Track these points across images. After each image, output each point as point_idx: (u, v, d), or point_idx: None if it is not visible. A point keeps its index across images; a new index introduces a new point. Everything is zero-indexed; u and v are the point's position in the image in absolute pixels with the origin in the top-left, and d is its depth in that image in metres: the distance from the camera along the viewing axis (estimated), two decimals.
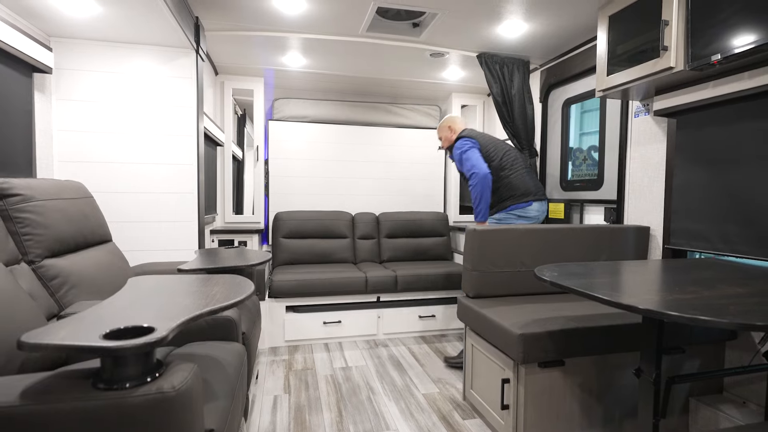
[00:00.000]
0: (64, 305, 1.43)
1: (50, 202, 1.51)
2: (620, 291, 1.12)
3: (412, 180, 3.67)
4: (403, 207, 3.65)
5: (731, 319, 0.85)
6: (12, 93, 1.73)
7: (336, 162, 3.52)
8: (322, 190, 3.50)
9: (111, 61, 2.10)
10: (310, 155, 3.47)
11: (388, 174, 3.62)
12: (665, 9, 1.68)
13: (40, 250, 1.43)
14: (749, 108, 1.66)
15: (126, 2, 1.68)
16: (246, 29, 2.36)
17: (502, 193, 2.40)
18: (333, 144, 3.51)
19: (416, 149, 3.67)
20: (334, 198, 3.52)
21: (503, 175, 2.39)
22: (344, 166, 3.53)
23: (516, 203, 2.37)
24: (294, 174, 3.44)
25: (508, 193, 2.38)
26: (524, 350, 1.47)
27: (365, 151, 3.57)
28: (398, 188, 3.65)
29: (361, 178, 3.57)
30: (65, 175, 2.05)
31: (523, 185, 2.38)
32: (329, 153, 3.50)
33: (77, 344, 0.71)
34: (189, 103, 2.21)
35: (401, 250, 3.40)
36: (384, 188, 3.62)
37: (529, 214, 2.38)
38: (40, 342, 0.72)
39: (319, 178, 3.49)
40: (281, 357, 2.61)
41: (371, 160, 3.59)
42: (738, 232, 1.68)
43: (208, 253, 1.94)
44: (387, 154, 3.61)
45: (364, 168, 3.57)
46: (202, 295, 1.05)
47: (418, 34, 2.44)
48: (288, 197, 3.43)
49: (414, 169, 3.67)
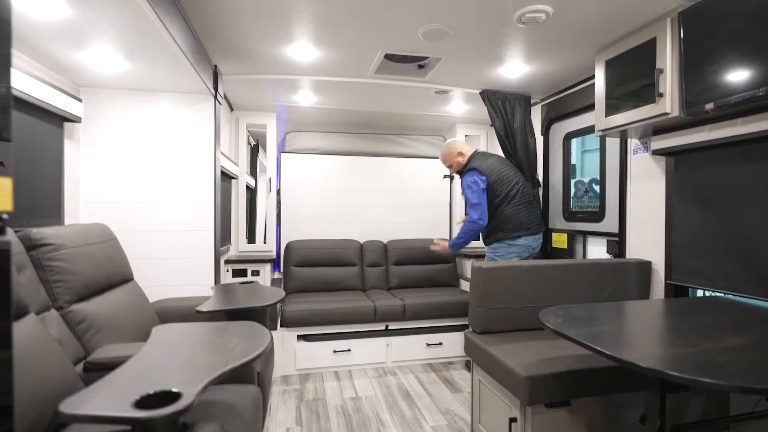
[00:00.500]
0: (90, 349, 1.51)
1: (78, 248, 1.61)
2: (623, 342, 1.17)
3: (418, 208, 3.76)
4: (410, 234, 3.73)
5: (730, 381, 0.90)
6: (45, 144, 1.85)
7: (345, 192, 3.62)
8: (332, 219, 3.60)
9: (134, 107, 2.24)
10: (320, 185, 3.58)
11: (394, 202, 3.71)
12: (659, 57, 1.76)
13: (69, 296, 1.52)
14: (744, 151, 1.71)
15: (152, 59, 1.81)
16: (260, 73, 2.50)
17: (497, 224, 2.56)
18: (342, 174, 3.62)
19: (422, 178, 3.76)
20: (343, 226, 3.61)
21: (502, 209, 2.55)
22: (353, 196, 3.64)
23: (506, 237, 2.54)
24: (304, 204, 3.55)
25: (501, 226, 2.55)
26: (531, 392, 1.51)
27: (373, 180, 3.67)
28: (405, 216, 3.73)
29: (369, 207, 3.66)
30: (90, 216, 2.16)
31: (515, 220, 2.53)
32: (338, 183, 3.61)
33: (111, 415, 0.79)
34: (207, 146, 2.33)
35: (408, 277, 3.46)
36: (391, 216, 3.71)
37: (518, 243, 2.54)
38: (76, 413, 0.79)
39: (329, 207, 3.59)
40: (293, 386, 2.66)
41: (378, 189, 3.68)
42: (737, 271, 1.72)
43: (224, 291, 2.02)
44: (394, 183, 3.71)
45: (371, 197, 3.67)
46: (222, 349, 1.13)
47: (424, 74, 2.55)
48: (299, 226, 3.53)
49: (420, 197, 3.76)
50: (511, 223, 2.52)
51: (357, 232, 3.62)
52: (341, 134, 3.68)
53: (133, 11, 1.37)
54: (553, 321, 1.34)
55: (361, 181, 3.65)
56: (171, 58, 1.80)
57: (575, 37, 1.99)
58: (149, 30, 1.51)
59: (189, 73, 1.96)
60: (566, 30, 1.92)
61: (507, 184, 2.56)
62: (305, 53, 2.20)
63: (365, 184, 3.66)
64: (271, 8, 1.73)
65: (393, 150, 3.75)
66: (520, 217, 2.53)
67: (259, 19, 1.82)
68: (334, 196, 3.60)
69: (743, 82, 1.45)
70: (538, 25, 1.87)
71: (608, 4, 1.68)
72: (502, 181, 2.56)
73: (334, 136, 3.66)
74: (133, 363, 1.04)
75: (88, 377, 1.37)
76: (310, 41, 2.06)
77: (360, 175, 3.65)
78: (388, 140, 3.76)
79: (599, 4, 1.69)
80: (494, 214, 2.55)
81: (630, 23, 1.84)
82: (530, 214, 2.57)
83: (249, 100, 3.01)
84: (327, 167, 3.60)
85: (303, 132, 3.62)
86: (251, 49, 2.15)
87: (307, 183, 3.56)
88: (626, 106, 1.93)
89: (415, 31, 1.94)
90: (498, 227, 2.55)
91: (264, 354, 1.32)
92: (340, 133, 3.68)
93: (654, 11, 1.74)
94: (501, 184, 2.55)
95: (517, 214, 2.53)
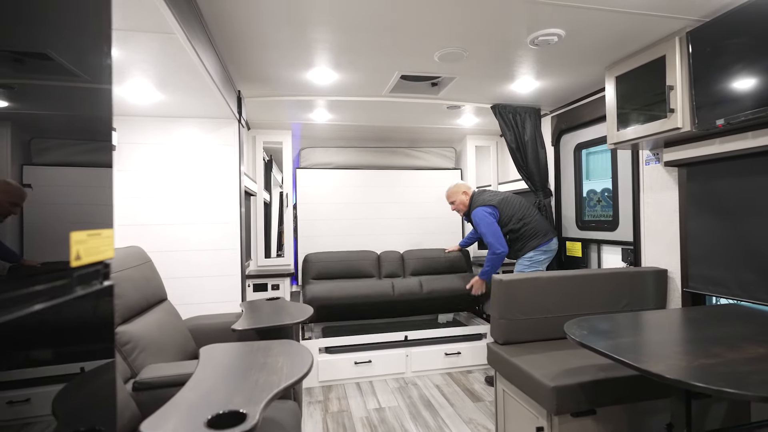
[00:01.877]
0: (136, 368, 1.58)
1: (122, 273, 1.69)
2: (648, 353, 1.23)
3: (432, 219, 3.83)
4: (425, 244, 3.79)
5: (755, 392, 0.96)
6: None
7: (359, 204, 3.71)
8: (348, 232, 3.67)
9: (164, 133, 2.34)
10: (336, 199, 3.67)
11: (409, 213, 3.79)
12: (669, 74, 1.83)
13: (116, 319, 1.60)
14: (756, 163, 1.77)
15: (185, 89, 1.91)
16: (280, 95, 2.59)
17: (528, 238, 2.74)
18: (356, 188, 3.71)
19: (434, 189, 3.83)
20: (359, 238, 3.68)
21: (524, 224, 2.74)
22: (367, 208, 3.72)
23: (541, 242, 2.73)
24: (321, 217, 3.63)
25: (534, 235, 2.74)
26: (558, 402, 1.56)
27: (387, 193, 3.76)
28: (419, 226, 3.80)
29: (383, 218, 3.74)
30: (124, 238, 2.25)
31: (542, 227, 2.78)
32: (353, 196, 3.70)
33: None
34: (232, 167, 2.43)
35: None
36: (406, 227, 3.78)
37: (551, 247, 2.77)
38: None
39: (345, 221, 3.67)
40: (317, 398, 2.72)
41: (393, 201, 3.77)
42: (755, 280, 1.76)
43: (253, 308, 2.10)
44: (407, 195, 3.79)
45: (386, 209, 3.75)
46: (271, 368, 1.20)
47: (437, 92, 2.64)
48: (315, 239, 3.61)
49: (433, 208, 3.83)
50: (542, 230, 2.74)
51: (373, 243, 3.70)
52: (354, 149, 3.77)
53: (174, 48, 1.46)
54: (579, 333, 1.40)
55: (375, 193, 3.74)
56: (201, 86, 1.89)
57: (585, 55, 2.07)
58: (185, 64, 1.61)
59: (217, 99, 2.06)
60: (577, 49, 1.99)
61: (516, 210, 2.78)
62: (324, 77, 2.29)
63: (379, 197, 3.74)
64: (294, 38, 1.82)
65: (405, 162, 3.84)
66: (543, 224, 2.78)
67: (281, 47, 1.91)
68: (349, 209, 3.68)
69: (753, 99, 1.52)
70: (550, 46, 1.95)
71: (618, 25, 1.76)
72: (512, 207, 2.79)
73: (347, 150, 3.75)
74: (194, 384, 1.11)
75: (138, 396, 1.45)
76: (329, 66, 2.15)
77: (374, 188, 3.74)
78: (401, 153, 3.85)
79: (609, 26, 1.77)
80: (521, 231, 2.74)
81: (639, 42, 1.92)
82: (543, 220, 2.83)
83: (266, 119, 3.12)
84: (342, 181, 3.69)
85: (317, 148, 3.71)
86: (272, 74, 2.24)
87: (323, 197, 3.65)
88: (637, 120, 2.00)
89: (431, 54, 2.03)
90: (531, 237, 2.73)
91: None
92: (354, 148, 3.77)
93: (662, 31, 1.81)
94: (510, 210, 2.78)
95: (541, 222, 2.78)
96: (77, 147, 0.67)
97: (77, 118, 0.65)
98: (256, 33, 1.75)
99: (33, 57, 0.54)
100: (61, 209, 0.61)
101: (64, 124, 0.65)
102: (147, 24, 1.23)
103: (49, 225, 0.58)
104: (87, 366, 0.64)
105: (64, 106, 0.63)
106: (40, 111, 0.59)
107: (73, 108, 0.64)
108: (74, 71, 0.60)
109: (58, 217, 0.61)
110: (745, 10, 1.54)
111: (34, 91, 0.56)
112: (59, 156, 0.64)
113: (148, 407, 1.42)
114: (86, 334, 0.65)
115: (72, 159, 0.65)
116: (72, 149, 0.66)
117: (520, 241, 2.75)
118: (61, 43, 0.58)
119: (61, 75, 0.58)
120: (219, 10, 1.55)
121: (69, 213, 0.63)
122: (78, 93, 0.62)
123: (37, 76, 0.55)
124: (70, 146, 0.66)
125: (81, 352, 0.63)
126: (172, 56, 1.52)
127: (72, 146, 0.66)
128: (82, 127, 0.66)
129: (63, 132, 0.65)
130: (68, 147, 0.65)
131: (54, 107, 0.61)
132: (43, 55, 0.55)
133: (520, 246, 2.77)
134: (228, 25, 1.68)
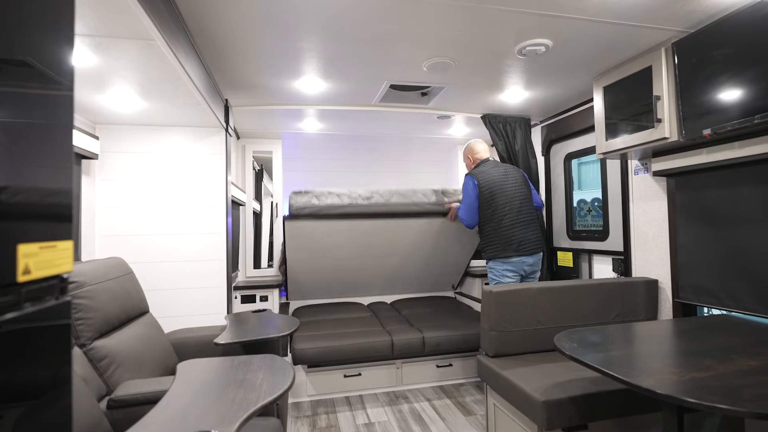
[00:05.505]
0: (112, 385, 1.52)
1: (100, 285, 1.64)
2: (638, 367, 1.20)
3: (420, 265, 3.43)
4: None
5: (749, 408, 0.93)
6: None
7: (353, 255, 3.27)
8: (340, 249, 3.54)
9: (148, 141, 2.30)
10: (328, 253, 3.14)
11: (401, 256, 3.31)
12: (656, 84, 1.84)
13: (91, 333, 1.54)
14: (743, 173, 1.77)
15: (169, 98, 1.88)
16: (268, 104, 2.57)
17: (490, 239, 2.49)
18: (349, 239, 3.13)
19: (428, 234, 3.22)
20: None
21: (496, 225, 2.46)
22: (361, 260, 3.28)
23: (497, 255, 2.47)
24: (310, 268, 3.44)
25: (494, 242, 2.47)
26: (548, 417, 1.52)
27: (381, 243, 3.17)
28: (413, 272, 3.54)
29: (376, 268, 3.36)
30: (106, 249, 2.20)
31: (506, 238, 2.44)
32: (347, 249, 3.16)
33: None
34: (219, 177, 2.39)
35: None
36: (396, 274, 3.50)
37: (510, 260, 2.44)
38: None
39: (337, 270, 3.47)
40: (304, 413, 2.64)
41: (388, 255, 3.29)
42: (745, 290, 1.75)
43: (238, 321, 2.04)
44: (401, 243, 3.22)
45: (381, 260, 3.31)
46: (250, 385, 1.15)
47: (427, 102, 2.64)
48: (304, 284, 3.46)
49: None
50: (501, 241, 2.44)
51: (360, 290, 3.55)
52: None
53: (155, 55, 1.44)
54: (569, 347, 1.37)
55: (369, 242, 3.14)
56: (185, 94, 1.86)
57: (573, 65, 2.07)
58: (168, 71, 1.58)
59: (202, 108, 2.03)
60: (564, 60, 2.00)
61: (501, 198, 2.46)
62: (313, 86, 2.28)
63: (373, 247, 3.19)
64: (282, 48, 1.81)
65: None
66: (515, 235, 2.43)
67: (269, 56, 1.90)
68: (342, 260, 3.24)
69: (738, 109, 1.52)
70: (538, 57, 1.95)
71: (604, 36, 1.77)
72: (494, 194, 2.46)
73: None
74: (167, 402, 1.06)
75: (112, 415, 1.39)
76: (318, 75, 2.14)
77: (367, 236, 3.10)
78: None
79: (596, 36, 1.77)
80: (486, 226, 2.49)
81: (626, 53, 1.93)
82: (527, 233, 2.45)
83: (256, 128, 3.09)
84: (332, 235, 3.08)
85: (306, 193, 2.94)
86: (260, 83, 2.23)
87: (313, 250, 3.12)
88: (626, 130, 2.00)
89: (420, 64, 2.03)
90: (491, 242, 2.48)
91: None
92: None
93: (648, 42, 1.82)
94: (492, 196, 2.46)
95: (511, 232, 2.43)
96: (35, 155, 0.63)
97: (34, 125, 0.62)
98: (242, 40, 1.74)
99: None
100: (7, 221, 0.57)
101: (21, 130, 0.61)
102: (125, 30, 1.21)
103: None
104: (39, 392, 0.59)
105: (21, 112, 0.59)
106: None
107: (32, 114, 0.60)
108: (29, 75, 0.57)
109: (4, 228, 0.57)
110: (729, 21, 1.56)
111: None
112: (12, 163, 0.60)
113: (122, 426, 1.36)
114: (38, 355, 0.60)
115: (26, 167, 0.62)
116: (29, 158, 0.62)
117: (483, 235, 2.53)
118: (15, 45, 0.55)
119: (15, 80, 0.55)
120: (203, 18, 1.53)
121: (18, 224, 0.59)
122: (35, 98, 0.59)
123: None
124: (27, 154, 0.62)
125: (31, 377, 0.59)
126: (154, 64, 1.50)
127: (29, 154, 0.62)
128: (40, 133, 0.62)
129: (19, 139, 0.61)
130: (24, 154, 0.62)
131: (8, 113, 0.58)
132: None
133: (482, 244, 2.57)
134: (213, 33, 1.66)
